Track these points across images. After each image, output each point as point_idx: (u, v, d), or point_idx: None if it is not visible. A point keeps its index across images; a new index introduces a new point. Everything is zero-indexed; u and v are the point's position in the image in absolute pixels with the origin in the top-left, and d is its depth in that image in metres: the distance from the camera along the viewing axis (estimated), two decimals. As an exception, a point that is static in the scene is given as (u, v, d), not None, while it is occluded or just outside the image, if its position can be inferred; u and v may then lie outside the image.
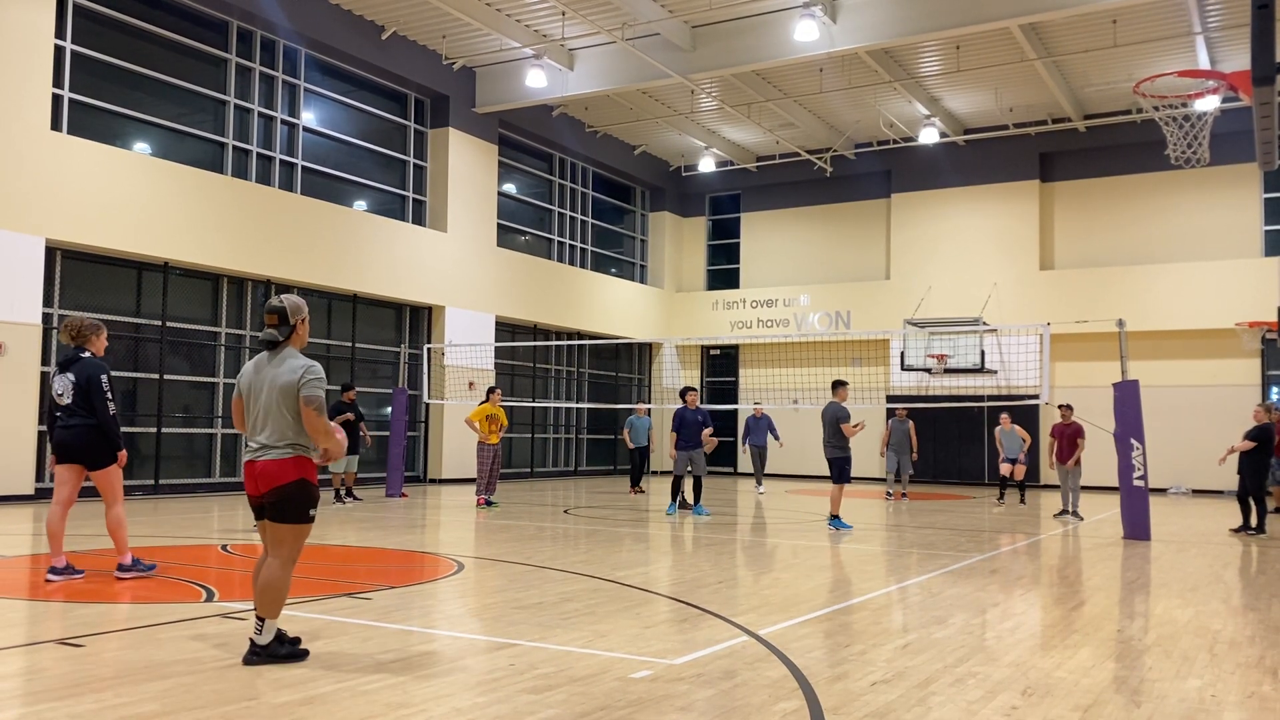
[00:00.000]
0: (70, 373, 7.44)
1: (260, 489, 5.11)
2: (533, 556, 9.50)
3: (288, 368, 5.12)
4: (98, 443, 7.43)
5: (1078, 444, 14.91)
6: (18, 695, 4.48)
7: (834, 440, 12.73)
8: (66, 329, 7.63)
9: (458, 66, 21.02)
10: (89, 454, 7.43)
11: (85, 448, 7.41)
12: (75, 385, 7.41)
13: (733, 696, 4.63)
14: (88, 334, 7.61)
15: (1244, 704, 4.72)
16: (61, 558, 7.53)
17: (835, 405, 12.79)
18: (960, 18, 17.12)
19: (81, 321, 7.64)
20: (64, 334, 7.64)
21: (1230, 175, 22.24)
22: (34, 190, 14.29)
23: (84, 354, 7.53)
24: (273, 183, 18.13)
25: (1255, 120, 8.14)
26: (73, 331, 7.60)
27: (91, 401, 7.38)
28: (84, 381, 7.39)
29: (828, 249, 27.07)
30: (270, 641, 5.05)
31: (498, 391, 15.31)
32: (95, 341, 7.65)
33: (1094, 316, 20.53)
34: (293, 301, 5.29)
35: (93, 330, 7.64)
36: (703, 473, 14.69)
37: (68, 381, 7.43)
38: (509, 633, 5.95)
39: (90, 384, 7.39)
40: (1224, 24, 18.22)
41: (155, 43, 16.59)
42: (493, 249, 22.29)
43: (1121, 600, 7.85)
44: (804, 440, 24.97)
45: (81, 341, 7.60)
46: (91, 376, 7.39)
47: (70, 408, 7.42)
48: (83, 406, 7.41)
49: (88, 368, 7.42)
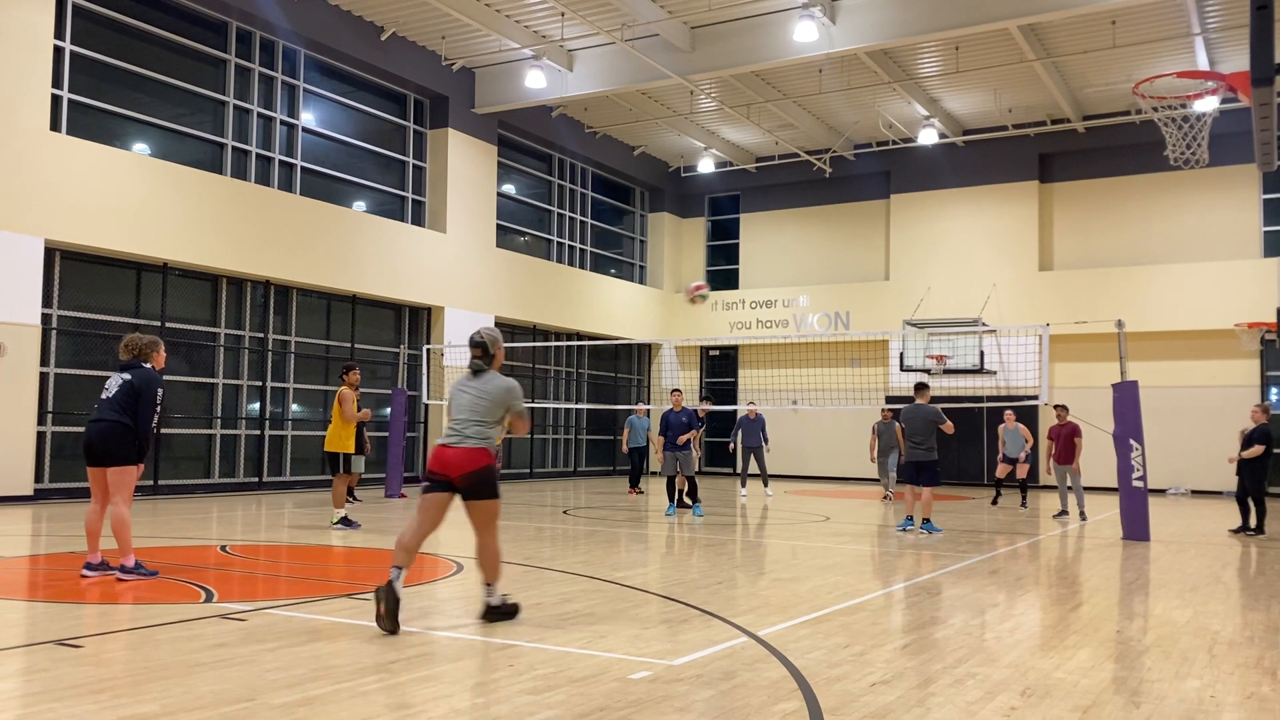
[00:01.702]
0: (129, 373, 7.69)
1: (452, 473, 6.18)
2: (532, 557, 9.50)
3: (495, 385, 6.45)
4: (122, 441, 7.54)
5: (1075, 443, 14.89)
6: (17, 696, 4.48)
7: (926, 442, 12.51)
8: (126, 348, 7.88)
9: (457, 67, 21.02)
10: (110, 452, 7.55)
11: (107, 444, 7.54)
12: (128, 385, 7.61)
13: (732, 697, 4.63)
14: (148, 351, 7.92)
15: (1243, 704, 4.72)
16: (97, 554, 7.74)
17: (925, 407, 12.61)
18: (959, 18, 17.12)
19: (141, 340, 7.91)
20: (124, 352, 7.88)
21: (1229, 176, 22.25)
22: (33, 191, 14.29)
23: (145, 364, 7.83)
24: (272, 183, 18.13)
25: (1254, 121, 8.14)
26: (134, 350, 7.87)
27: (138, 405, 7.58)
28: (140, 384, 7.62)
29: (827, 250, 27.08)
30: (499, 602, 6.31)
31: None
32: (155, 357, 7.98)
33: (1093, 317, 20.53)
34: (491, 335, 6.63)
35: (151, 347, 7.95)
36: (691, 472, 14.73)
37: (121, 380, 7.65)
38: (508, 633, 5.95)
39: (145, 390, 7.61)
40: (1223, 25, 18.22)
41: (154, 43, 16.59)
42: (492, 250, 22.29)
43: (1121, 601, 7.86)
44: (804, 440, 25.00)
45: (144, 356, 7.89)
46: (149, 383, 7.66)
47: (109, 402, 7.58)
48: (121, 406, 7.55)
49: (147, 375, 7.72)
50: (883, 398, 23.97)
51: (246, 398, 17.87)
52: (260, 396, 18.04)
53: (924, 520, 12.47)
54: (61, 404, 15.30)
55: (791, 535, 12.18)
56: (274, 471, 18.27)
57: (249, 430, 17.92)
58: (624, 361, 28.03)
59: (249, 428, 17.93)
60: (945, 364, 23.25)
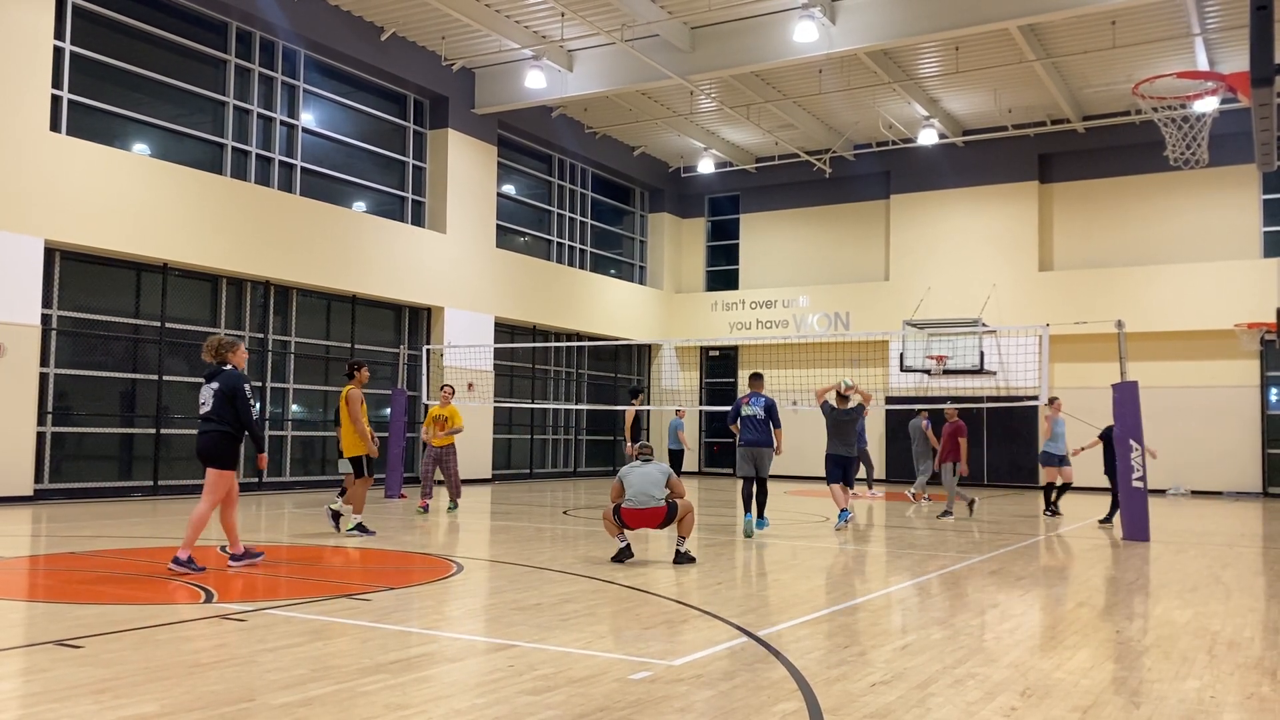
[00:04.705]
0: (216, 382, 8.28)
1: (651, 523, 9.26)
2: (532, 558, 9.50)
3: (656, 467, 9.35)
4: (223, 447, 8.25)
5: (960, 443, 14.96)
6: (17, 696, 4.48)
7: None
8: (208, 347, 8.44)
9: (457, 67, 21.02)
10: (213, 456, 8.26)
11: (211, 450, 8.25)
12: (219, 394, 8.24)
13: (732, 697, 4.63)
14: (225, 351, 8.44)
15: (1243, 705, 4.72)
16: (239, 545, 8.45)
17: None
18: (959, 19, 17.13)
19: (220, 340, 8.48)
20: (206, 352, 8.45)
21: (1229, 176, 22.25)
22: (33, 191, 14.29)
23: (226, 367, 8.38)
24: (272, 184, 18.13)
25: (1254, 121, 8.13)
26: (214, 349, 8.42)
27: (235, 408, 8.22)
28: (229, 390, 8.23)
29: (827, 250, 27.07)
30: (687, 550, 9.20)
31: (447, 389, 14.43)
32: (234, 356, 8.50)
33: (1093, 317, 20.52)
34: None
35: (229, 347, 8.48)
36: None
37: (211, 391, 8.27)
38: (508, 634, 5.95)
39: (235, 393, 8.23)
40: (1223, 25, 18.23)
41: (154, 44, 16.59)
42: (492, 250, 22.29)
43: (1120, 601, 7.86)
44: (804, 441, 24.99)
45: (222, 357, 8.43)
46: (235, 386, 8.25)
47: (209, 415, 8.26)
48: (220, 414, 8.22)
49: (231, 378, 8.29)
50: (883, 398, 23.98)
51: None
52: (260, 397, 18.04)
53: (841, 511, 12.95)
54: (61, 404, 15.30)
55: (791, 535, 12.18)
56: (274, 471, 18.27)
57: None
58: (624, 362, 28.02)
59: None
60: (945, 364, 23.25)
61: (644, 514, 9.12)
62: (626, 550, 9.15)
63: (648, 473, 9.27)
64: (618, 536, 9.22)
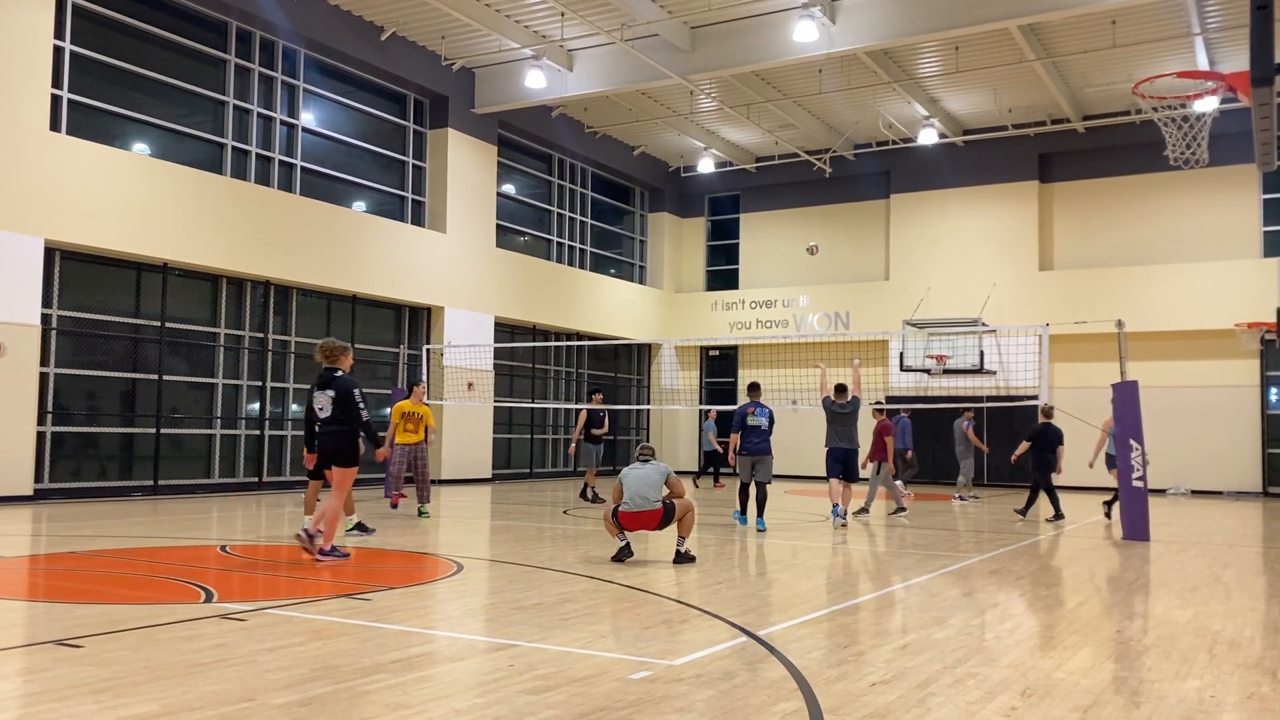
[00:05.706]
0: (331, 389, 8.82)
1: (648, 525, 9.24)
2: (532, 557, 9.50)
3: (654, 468, 9.33)
4: (346, 447, 8.88)
5: (886, 442, 15.01)
6: (17, 696, 4.48)
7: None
8: (320, 350, 9.05)
9: (457, 67, 21.02)
10: (338, 456, 8.88)
11: (336, 450, 8.87)
12: (335, 400, 8.78)
13: (732, 697, 4.63)
14: (337, 354, 9.02)
15: (1243, 705, 4.72)
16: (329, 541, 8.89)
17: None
18: (959, 18, 17.12)
19: (332, 344, 9.06)
20: (319, 354, 9.09)
21: (1229, 176, 22.25)
22: (33, 191, 14.29)
23: (337, 373, 8.92)
24: (272, 183, 18.12)
25: (1254, 121, 8.14)
26: (326, 352, 9.01)
27: (350, 412, 8.76)
28: (342, 394, 8.76)
29: (827, 250, 27.03)
30: (687, 550, 9.18)
31: (420, 386, 14.14)
32: (344, 360, 9.05)
33: (1093, 317, 20.52)
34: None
35: (340, 351, 9.05)
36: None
37: (327, 397, 8.83)
38: (508, 633, 5.95)
39: (348, 397, 8.76)
40: (1223, 24, 18.23)
41: (154, 43, 16.59)
42: (492, 250, 22.28)
43: (1121, 601, 7.86)
44: (804, 441, 24.96)
45: (333, 361, 8.99)
46: (348, 391, 8.79)
47: (328, 420, 8.84)
48: (339, 419, 8.78)
49: (344, 384, 8.83)
50: (883, 398, 23.96)
51: (246, 398, 17.87)
52: (260, 397, 18.05)
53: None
54: (61, 404, 15.30)
55: (791, 535, 12.18)
56: (274, 471, 18.27)
57: (249, 430, 17.92)
58: (624, 362, 28.02)
59: (249, 428, 17.93)
60: (945, 364, 23.24)
61: (640, 516, 9.14)
62: (626, 550, 9.14)
63: (645, 474, 9.27)
64: (617, 536, 9.24)
